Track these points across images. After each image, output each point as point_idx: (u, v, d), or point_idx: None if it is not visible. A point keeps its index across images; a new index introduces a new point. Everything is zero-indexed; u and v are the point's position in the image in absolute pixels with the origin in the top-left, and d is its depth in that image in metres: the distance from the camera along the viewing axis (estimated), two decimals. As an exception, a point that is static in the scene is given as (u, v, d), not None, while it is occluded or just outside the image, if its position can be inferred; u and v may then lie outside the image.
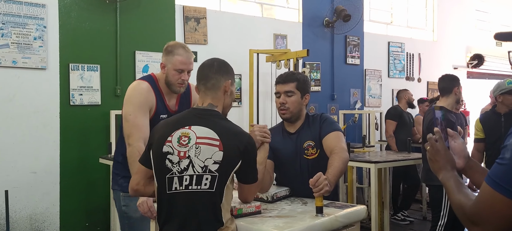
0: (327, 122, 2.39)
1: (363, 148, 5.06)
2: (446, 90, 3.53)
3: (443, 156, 1.39)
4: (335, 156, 2.20)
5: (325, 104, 6.41)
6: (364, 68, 6.89)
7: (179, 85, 2.43)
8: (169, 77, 2.42)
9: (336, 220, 1.93)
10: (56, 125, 4.32)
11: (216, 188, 1.74)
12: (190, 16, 5.15)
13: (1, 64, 4.04)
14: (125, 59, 4.70)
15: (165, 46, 2.47)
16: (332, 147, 2.26)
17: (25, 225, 4.14)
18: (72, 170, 4.39)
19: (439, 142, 1.40)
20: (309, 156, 2.37)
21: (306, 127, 2.43)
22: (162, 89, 2.47)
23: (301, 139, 2.40)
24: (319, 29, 6.35)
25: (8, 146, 4.08)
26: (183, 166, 1.76)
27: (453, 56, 8.22)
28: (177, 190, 1.77)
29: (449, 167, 1.38)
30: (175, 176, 1.77)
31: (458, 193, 1.27)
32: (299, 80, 2.41)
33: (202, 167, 1.75)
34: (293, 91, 2.38)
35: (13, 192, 4.00)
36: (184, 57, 2.41)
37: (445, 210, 3.37)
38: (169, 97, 2.50)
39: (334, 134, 2.33)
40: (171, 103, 2.51)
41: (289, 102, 2.38)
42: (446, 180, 1.35)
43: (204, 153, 1.75)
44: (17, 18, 4.10)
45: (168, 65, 2.42)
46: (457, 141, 1.48)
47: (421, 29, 7.92)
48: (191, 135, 1.79)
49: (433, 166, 1.42)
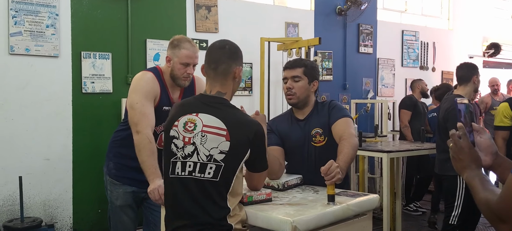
0: (336, 109, 2.37)
1: (375, 138, 5.01)
2: (464, 79, 3.45)
3: (468, 154, 1.26)
4: (344, 142, 2.17)
5: (337, 93, 6.35)
6: (377, 57, 6.80)
7: (184, 79, 2.46)
8: (174, 71, 2.44)
9: (348, 209, 1.91)
10: (69, 113, 4.35)
11: (220, 177, 1.73)
12: (201, 4, 5.12)
13: (15, 52, 4.06)
14: (136, 48, 4.70)
15: (171, 39, 2.49)
16: (341, 133, 2.24)
17: (39, 211, 4.19)
18: (85, 157, 4.42)
19: (463, 139, 1.27)
20: (316, 143, 2.36)
21: (315, 114, 2.41)
22: (167, 82, 2.50)
23: (310, 126, 2.38)
24: (331, 17, 6.27)
25: (22, 133, 4.12)
26: (187, 151, 1.77)
27: (469, 45, 8.07)
28: (179, 175, 1.78)
29: (474, 166, 1.26)
30: (179, 160, 1.78)
31: (484, 191, 1.18)
32: (307, 66, 2.39)
33: (207, 156, 1.74)
34: (300, 77, 2.36)
35: (27, 178, 4.05)
36: (190, 51, 2.43)
37: (459, 200, 3.32)
38: (173, 90, 2.53)
39: (343, 120, 2.31)
40: (175, 96, 2.54)
41: (296, 87, 2.36)
42: (470, 179, 1.24)
43: (210, 142, 1.74)
44: (30, 6, 4.12)
45: (174, 58, 2.44)
46: (483, 136, 1.35)
47: (436, 17, 7.78)
48: (198, 122, 1.78)
49: (457, 165, 1.29)
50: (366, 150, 4.13)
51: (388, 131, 6.12)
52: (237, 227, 1.76)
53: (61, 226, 4.32)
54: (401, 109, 5.74)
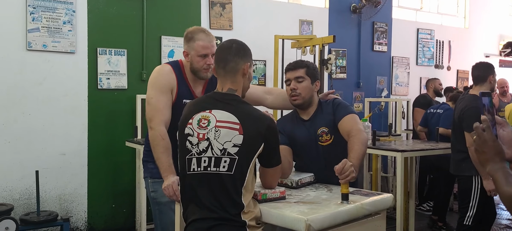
0: (341, 106, 2.38)
1: (389, 137, 4.98)
2: (480, 79, 3.40)
3: (492, 147, 1.26)
4: (353, 139, 2.17)
5: (351, 92, 6.32)
6: (392, 55, 6.75)
7: (205, 70, 2.39)
8: (194, 64, 2.39)
9: (362, 208, 1.91)
10: (84, 108, 4.41)
11: (235, 170, 1.76)
12: (215, 1, 5.13)
13: (32, 48, 4.13)
14: (151, 44, 4.74)
15: (185, 33, 2.43)
16: (349, 129, 2.24)
17: (55, 205, 4.26)
18: (99, 152, 4.48)
19: (487, 132, 1.27)
20: (323, 143, 2.36)
21: (319, 113, 2.41)
22: (188, 76, 2.45)
23: (315, 126, 2.39)
24: (345, 15, 6.24)
25: (38, 128, 4.19)
26: (202, 147, 1.81)
27: (485, 44, 7.96)
28: (195, 171, 1.82)
29: (498, 159, 1.25)
30: (194, 157, 1.82)
31: (507, 184, 1.18)
32: (309, 66, 2.40)
33: (221, 150, 1.78)
34: (303, 77, 2.37)
35: (43, 172, 4.12)
36: (205, 41, 2.37)
37: (474, 201, 3.29)
38: (195, 84, 2.46)
39: (349, 116, 2.31)
40: (198, 91, 2.48)
41: (300, 88, 2.36)
42: (494, 172, 1.24)
43: (224, 136, 1.78)
44: (47, 3, 4.17)
45: (191, 52, 2.38)
46: (506, 129, 1.35)
47: (452, 15, 7.69)
48: (211, 118, 1.83)
49: (480, 158, 1.29)
50: (380, 149, 4.11)
51: (402, 129, 6.07)
52: (251, 224, 1.77)
53: (76, 220, 4.39)
54: (415, 108, 5.69)
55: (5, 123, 4.06)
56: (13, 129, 4.09)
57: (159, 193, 2.39)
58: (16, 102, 4.10)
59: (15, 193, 4.08)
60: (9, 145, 4.07)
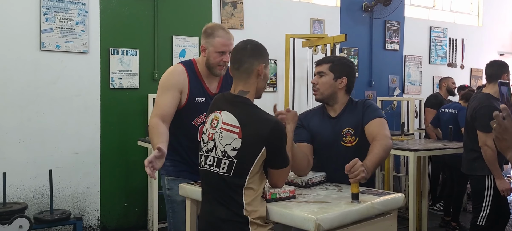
0: (371, 108, 2.31)
1: (402, 136, 4.94)
2: (494, 77, 3.35)
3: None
4: (376, 143, 2.13)
5: (362, 90, 6.28)
6: (404, 54, 6.69)
7: (220, 67, 2.41)
8: (210, 60, 2.40)
9: (373, 207, 1.89)
10: (97, 108, 4.45)
11: (233, 173, 1.81)
12: (227, 1, 5.14)
13: (46, 48, 4.18)
14: (163, 44, 4.76)
15: (204, 28, 2.44)
16: (375, 134, 2.19)
17: (68, 203, 4.31)
18: (112, 151, 4.52)
19: (507, 119, 1.29)
20: (346, 143, 2.30)
21: (347, 112, 2.35)
22: (202, 73, 2.46)
23: (341, 125, 2.33)
24: (357, 14, 6.20)
25: (52, 127, 4.25)
26: (209, 146, 1.90)
27: (499, 42, 7.84)
28: (204, 167, 1.93)
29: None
30: (203, 154, 1.93)
31: None
32: (334, 62, 2.36)
33: (222, 152, 1.85)
34: (325, 72, 2.33)
35: (56, 171, 4.17)
36: (225, 38, 2.40)
37: (487, 201, 3.24)
38: (209, 80, 2.47)
39: (378, 120, 2.25)
40: (212, 87, 2.49)
41: (320, 83, 2.34)
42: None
43: (225, 139, 1.84)
44: (61, 4, 4.22)
45: (209, 48, 2.39)
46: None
47: (466, 13, 7.59)
48: (220, 119, 1.89)
49: (501, 145, 1.32)
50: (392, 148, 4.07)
51: (414, 129, 6.02)
52: (255, 222, 1.78)
53: (89, 219, 4.43)
54: (426, 108, 5.63)
55: (19, 122, 4.12)
56: (27, 128, 4.14)
57: (175, 191, 2.42)
58: (30, 102, 4.16)
59: (29, 191, 4.14)
60: (23, 144, 4.13)
